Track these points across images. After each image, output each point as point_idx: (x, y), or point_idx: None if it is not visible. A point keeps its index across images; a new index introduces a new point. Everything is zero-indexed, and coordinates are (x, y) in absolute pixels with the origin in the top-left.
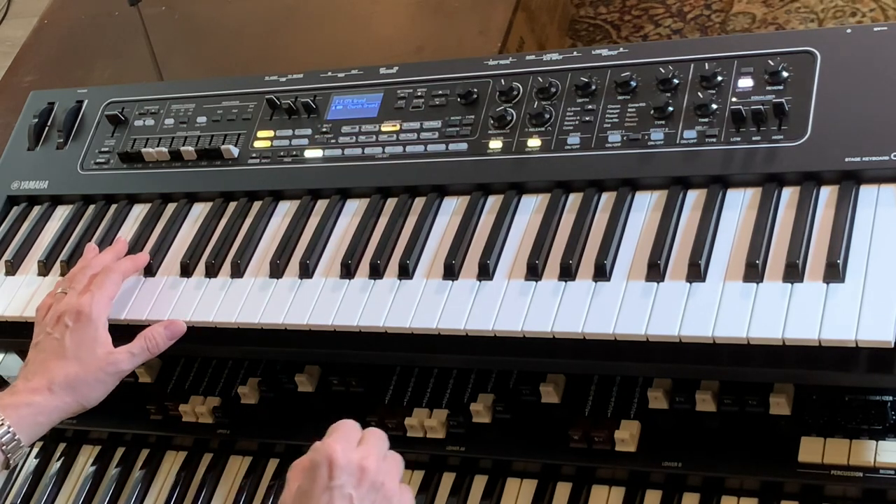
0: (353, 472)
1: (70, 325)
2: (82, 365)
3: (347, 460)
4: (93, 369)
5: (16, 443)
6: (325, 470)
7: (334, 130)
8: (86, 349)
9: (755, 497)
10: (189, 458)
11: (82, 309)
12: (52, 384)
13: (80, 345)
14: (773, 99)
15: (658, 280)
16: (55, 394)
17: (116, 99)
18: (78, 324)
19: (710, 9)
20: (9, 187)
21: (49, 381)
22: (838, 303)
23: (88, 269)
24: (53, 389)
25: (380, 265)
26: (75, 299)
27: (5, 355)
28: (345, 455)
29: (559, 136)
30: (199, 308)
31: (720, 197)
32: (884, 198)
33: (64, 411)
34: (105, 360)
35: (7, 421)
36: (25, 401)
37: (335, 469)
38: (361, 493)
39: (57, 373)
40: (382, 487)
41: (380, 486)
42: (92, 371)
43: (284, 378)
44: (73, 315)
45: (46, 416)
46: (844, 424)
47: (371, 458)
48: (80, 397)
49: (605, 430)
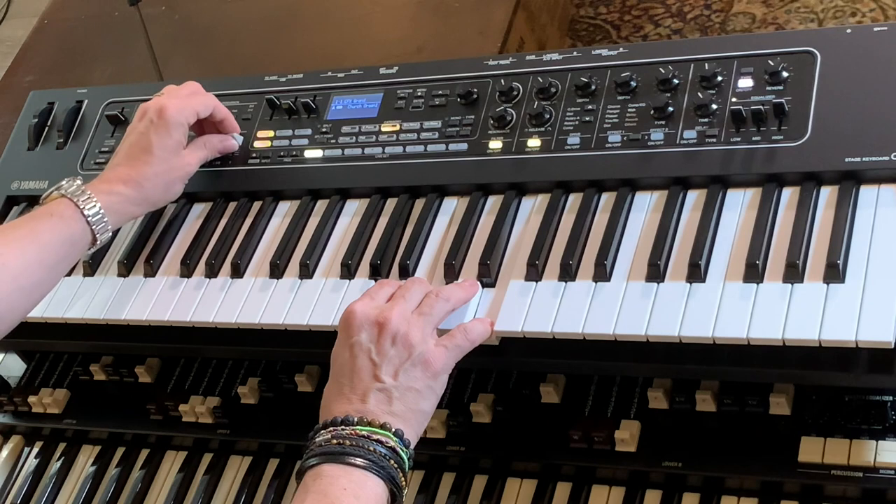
0: (370, 327)
1: (154, 120)
2: (166, 163)
3: (365, 316)
4: (174, 168)
5: (104, 224)
6: (346, 327)
7: (334, 130)
8: (169, 150)
9: (755, 497)
10: (189, 458)
11: (167, 108)
12: (141, 178)
13: (164, 145)
14: (773, 99)
15: (658, 280)
16: (143, 187)
17: (116, 99)
18: (161, 121)
19: (710, 9)
20: (9, 187)
21: (139, 175)
22: (838, 303)
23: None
24: (143, 184)
25: (380, 265)
26: (164, 100)
27: (5, 355)
28: (363, 311)
29: (559, 137)
30: (199, 308)
31: (720, 197)
32: (884, 198)
33: (150, 204)
34: (182, 162)
35: (99, 203)
36: (117, 189)
37: (352, 326)
38: (381, 346)
39: (145, 169)
40: (404, 337)
41: (401, 336)
42: (173, 170)
43: (284, 378)
44: (157, 111)
45: (135, 207)
46: (844, 424)
47: (393, 311)
48: (165, 194)
49: (605, 430)
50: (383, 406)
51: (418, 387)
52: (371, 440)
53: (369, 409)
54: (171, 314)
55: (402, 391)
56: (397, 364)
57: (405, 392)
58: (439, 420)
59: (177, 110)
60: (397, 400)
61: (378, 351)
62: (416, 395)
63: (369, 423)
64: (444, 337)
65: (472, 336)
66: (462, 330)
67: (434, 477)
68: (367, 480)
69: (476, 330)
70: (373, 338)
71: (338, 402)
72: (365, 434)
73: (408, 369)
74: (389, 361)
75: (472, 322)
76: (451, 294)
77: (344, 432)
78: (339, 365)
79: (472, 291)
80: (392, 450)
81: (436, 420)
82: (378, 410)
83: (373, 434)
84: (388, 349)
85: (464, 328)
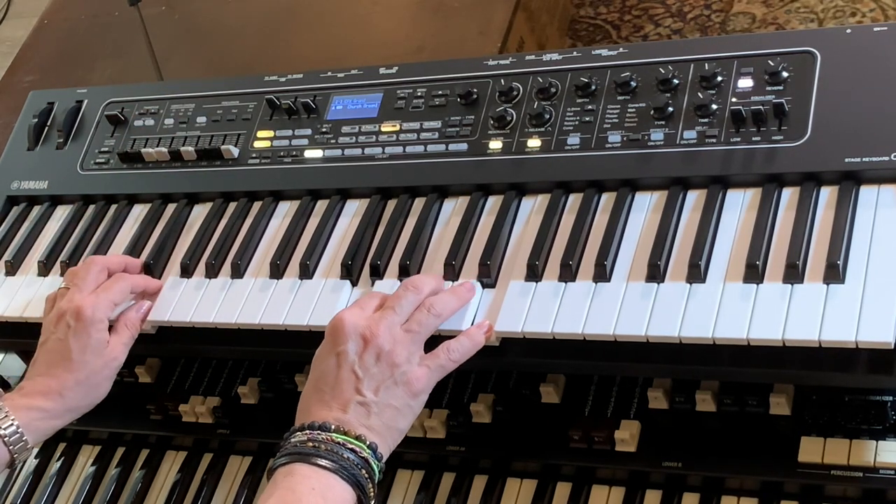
0: (357, 338)
1: (72, 325)
2: (88, 367)
3: (353, 326)
4: (98, 369)
5: (23, 443)
6: (333, 335)
7: (334, 130)
8: (90, 352)
9: (755, 497)
10: (189, 458)
11: (83, 310)
12: (63, 389)
13: (85, 348)
14: (773, 99)
15: (658, 281)
16: (65, 398)
17: (116, 99)
18: (79, 324)
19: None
20: (9, 187)
21: (60, 385)
22: (838, 304)
23: (94, 265)
24: (64, 394)
25: (380, 266)
26: (78, 299)
27: (5, 355)
28: (351, 322)
29: (559, 137)
30: (200, 308)
31: (720, 197)
32: (884, 198)
33: (74, 413)
34: (108, 358)
35: (17, 421)
36: (37, 404)
37: (340, 335)
38: (365, 361)
39: (66, 378)
40: (388, 355)
41: (385, 354)
42: (98, 371)
43: (284, 378)
44: (74, 314)
45: (56, 421)
46: (844, 424)
47: (381, 325)
48: (90, 398)
49: (605, 430)
50: (361, 419)
51: (397, 405)
52: (346, 448)
53: (348, 420)
54: (172, 314)
55: (382, 407)
56: (379, 381)
57: (384, 408)
58: (439, 420)
59: (94, 309)
60: (375, 415)
61: (362, 365)
62: (394, 413)
63: (346, 433)
64: (427, 356)
65: (456, 356)
66: (445, 350)
67: (434, 477)
68: (336, 484)
69: (460, 349)
70: (358, 351)
71: (317, 408)
72: (340, 441)
73: (389, 387)
74: (372, 377)
75: (459, 339)
76: (443, 308)
77: (320, 437)
78: (322, 371)
79: (467, 297)
80: (364, 460)
81: (436, 420)
82: (356, 422)
83: (348, 443)
84: (371, 365)
85: (447, 348)
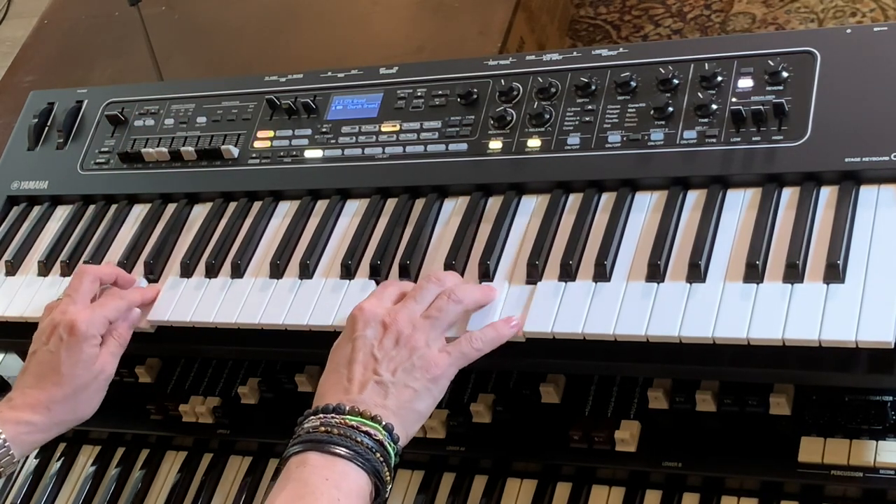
0: (377, 325)
1: (64, 338)
2: (76, 382)
3: (373, 314)
4: (87, 383)
5: (9, 457)
6: (353, 323)
7: (334, 130)
8: (81, 367)
9: (755, 497)
10: (189, 458)
11: (78, 325)
12: (50, 403)
13: (76, 362)
14: (773, 99)
15: (658, 280)
16: (52, 412)
17: (116, 99)
18: (72, 338)
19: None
20: (9, 187)
21: (48, 399)
22: (838, 303)
23: (86, 275)
24: (52, 408)
25: (380, 266)
26: (72, 311)
27: (5, 355)
28: (371, 310)
29: (559, 137)
30: (200, 308)
31: (720, 197)
32: (884, 198)
33: (62, 427)
34: (97, 371)
35: (4, 435)
36: (25, 418)
37: (359, 321)
38: (384, 346)
39: (54, 392)
40: (408, 339)
41: (405, 337)
42: (86, 385)
43: (284, 378)
44: (67, 328)
45: (43, 434)
46: (844, 424)
47: (400, 313)
48: (77, 413)
49: (605, 430)
50: (378, 399)
51: (416, 386)
52: (360, 431)
53: (363, 400)
54: (172, 314)
55: (399, 388)
56: (398, 362)
57: (402, 389)
58: (439, 420)
59: (88, 324)
60: (393, 395)
61: (381, 348)
62: (412, 394)
63: (360, 414)
64: (450, 344)
65: (478, 345)
66: (468, 338)
67: (434, 477)
68: (350, 472)
69: (483, 338)
70: (377, 335)
71: (333, 390)
72: (354, 424)
73: (408, 369)
74: (391, 359)
75: (484, 329)
76: (464, 295)
77: (333, 420)
78: (339, 356)
79: (491, 295)
80: (379, 443)
81: (436, 420)
82: (372, 402)
83: (362, 425)
84: (389, 349)
85: (470, 336)
